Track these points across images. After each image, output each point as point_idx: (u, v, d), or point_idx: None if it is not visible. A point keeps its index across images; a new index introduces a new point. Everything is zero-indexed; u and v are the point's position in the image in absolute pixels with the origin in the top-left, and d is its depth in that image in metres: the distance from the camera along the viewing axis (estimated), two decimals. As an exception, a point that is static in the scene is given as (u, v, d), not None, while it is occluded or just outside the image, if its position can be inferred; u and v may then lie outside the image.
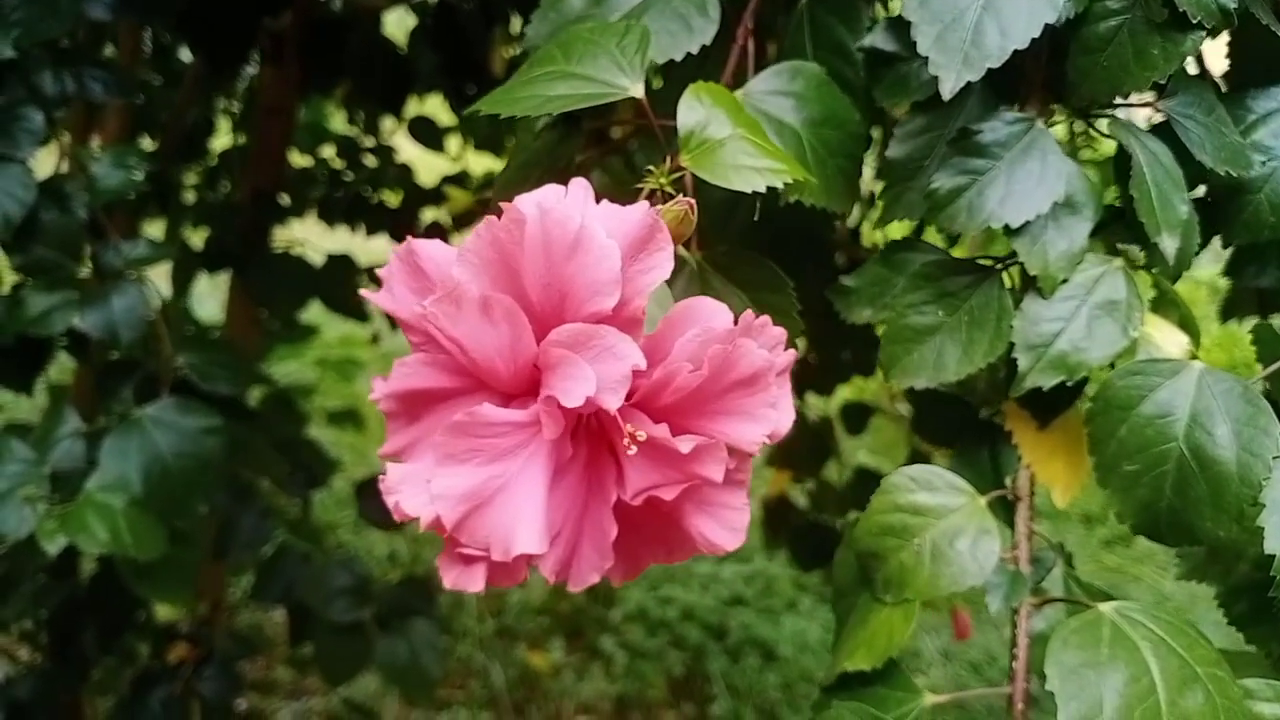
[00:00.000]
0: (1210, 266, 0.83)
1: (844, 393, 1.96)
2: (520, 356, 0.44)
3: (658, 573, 2.97)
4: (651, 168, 0.54)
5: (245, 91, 2.12)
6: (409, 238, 0.47)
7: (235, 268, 1.72)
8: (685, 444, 0.43)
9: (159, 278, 1.35)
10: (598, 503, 0.47)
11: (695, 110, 0.54)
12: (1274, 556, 0.51)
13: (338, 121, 2.42)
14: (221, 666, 1.54)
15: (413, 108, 2.12)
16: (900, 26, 0.57)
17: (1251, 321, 1.15)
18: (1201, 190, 0.68)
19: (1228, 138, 0.62)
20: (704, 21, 0.64)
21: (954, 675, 2.53)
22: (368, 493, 1.93)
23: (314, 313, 1.95)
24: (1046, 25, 0.54)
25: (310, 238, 2.01)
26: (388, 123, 2.21)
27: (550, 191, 0.44)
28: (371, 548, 2.94)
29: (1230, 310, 1.17)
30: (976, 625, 2.62)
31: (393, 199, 2.15)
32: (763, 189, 0.52)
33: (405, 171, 2.18)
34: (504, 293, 0.43)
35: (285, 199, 1.85)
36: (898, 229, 0.71)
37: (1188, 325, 0.60)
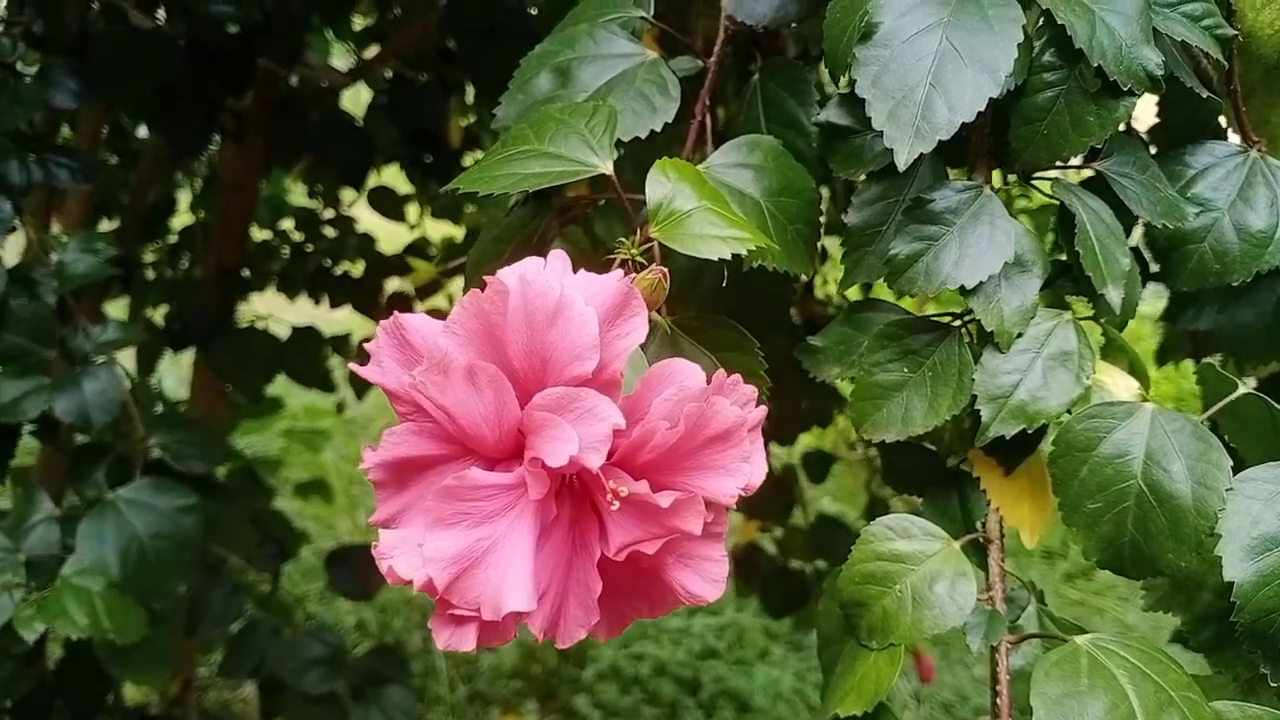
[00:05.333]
0: (1152, 301, 0.87)
1: (805, 441, 1.99)
2: (505, 421, 0.46)
3: (629, 629, 2.95)
4: (623, 239, 0.57)
5: (205, 168, 2.14)
6: (395, 313, 0.48)
7: (200, 344, 1.72)
8: (665, 499, 0.44)
9: (124, 357, 1.35)
10: (582, 560, 0.49)
11: (662, 184, 0.57)
12: (1234, 584, 0.54)
13: (296, 194, 2.44)
14: (194, 747, 1.52)
15: (370, 178, 2.14)
16: (853, 102, 0.61)
17: (1186, 363, 1.20)
18: (1138, 234, 0.72)
19: (1162, 192, 0.66)
20: (665, 100, 0.67)
21: (928, 717, 2.53)
22: (337, 563, 1.92)
23: (278, 383, 1.95)
24: (990, 98, 0.57)
25: (275, 311, 2.01)
26: (347, 194, 2.24)
27: (531, 263, 0.46)
28: (339, 618, 2.90)
29: (1165, 354, 1.22)
30: (944, 665, 2.64)
31: (355, 269, 2.17)
32: (728, 256, 0.55)
33: (366, 241, 2.19)
34: (488, 361, 0.45)
35: (247, 273, 1.87)
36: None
37: (1136, 370, 0.64)
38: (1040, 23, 0.62)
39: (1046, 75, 0.61)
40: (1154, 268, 0.74)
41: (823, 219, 0.70)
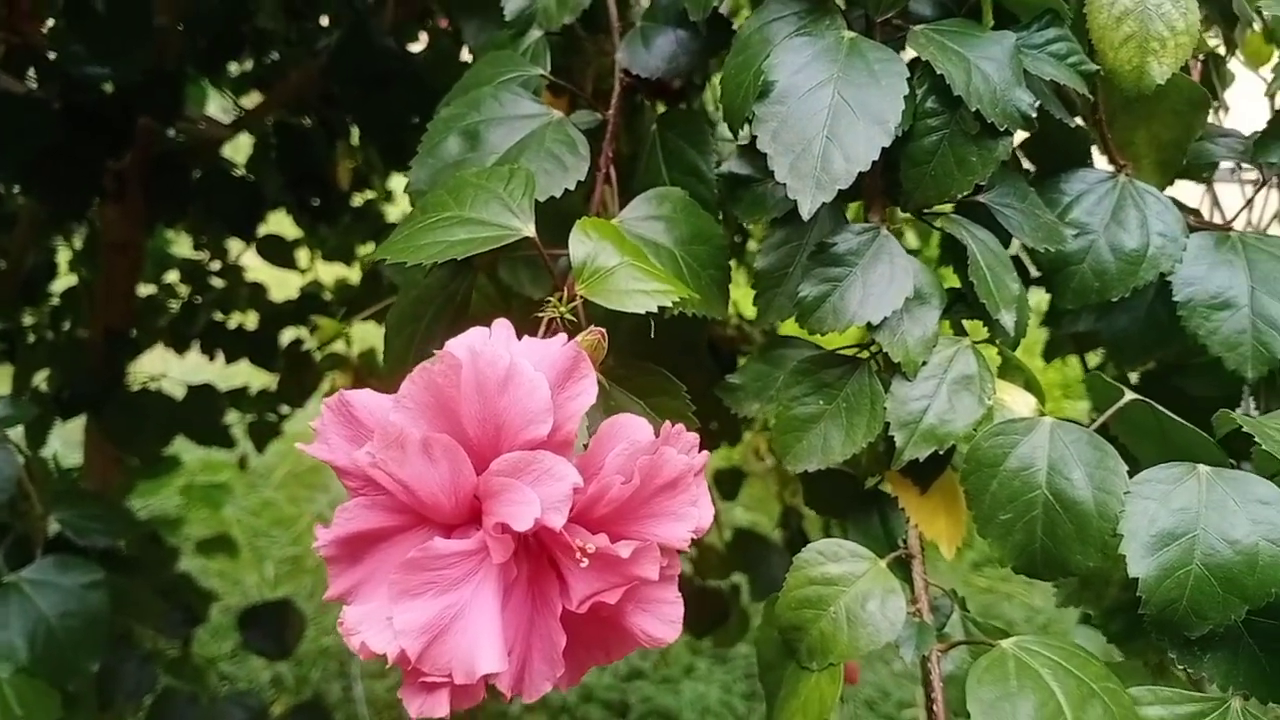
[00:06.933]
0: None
1: (713, 458, 2.04)
2: (461, 489, 0.47)
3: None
4: (550, 298, 0.59)
5: (85, 226, 2.07)
6: (341, 390, 0.50)
7: (91, 411, 1.67)
8: (624, 549, 0.47)
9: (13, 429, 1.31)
10: (544, 615, 0.50)
11: (585, 244, 0.59)
12: (1138, 580, 0.59)
13: (181, 245, 2.38)
14: (115, 830, 1.47)
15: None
16: (753, 152, 0.64)
17: (1072, 357, 1.29)
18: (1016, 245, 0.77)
19: (1042, 218, 0.71)
20: (576, 159, 0.69)
21: (853, 715, 2.60)
22: (250, 624, 1.88)
23: (175, 441, 1.90)
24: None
25: (166, 369, 1.96)
26: (235, 243, 2.20)
27: (477, 334, 0.48)
28: (254, 675, 2.82)
29: (1051, 352, 1.30)
30: (865, 663, 2.71)
31: (248, 321, 2.13)
32: (655, 309, 0.57)
33: (257, 290, 2.16)
34: (442, 431, 0.46)
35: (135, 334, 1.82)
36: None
37: (1033, 386, 0.68)
38: (920, 72, 0.66)
39: (930, 121, 0.66)
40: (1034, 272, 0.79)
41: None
